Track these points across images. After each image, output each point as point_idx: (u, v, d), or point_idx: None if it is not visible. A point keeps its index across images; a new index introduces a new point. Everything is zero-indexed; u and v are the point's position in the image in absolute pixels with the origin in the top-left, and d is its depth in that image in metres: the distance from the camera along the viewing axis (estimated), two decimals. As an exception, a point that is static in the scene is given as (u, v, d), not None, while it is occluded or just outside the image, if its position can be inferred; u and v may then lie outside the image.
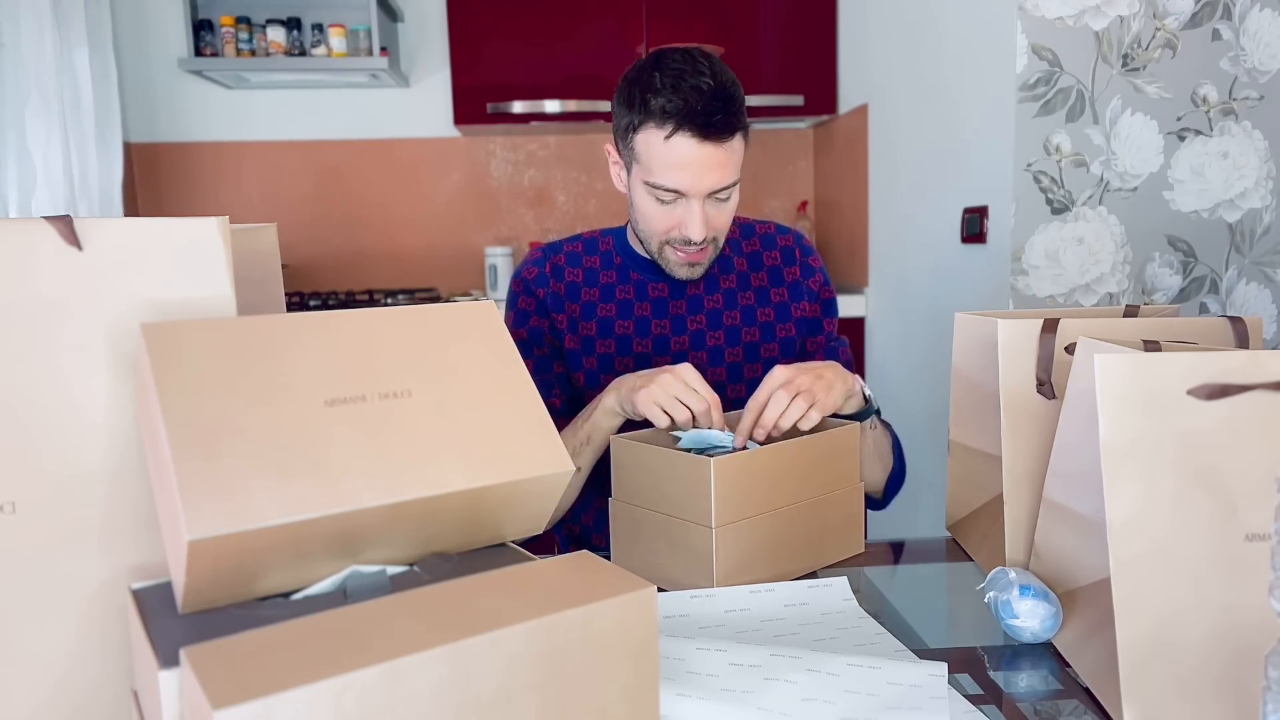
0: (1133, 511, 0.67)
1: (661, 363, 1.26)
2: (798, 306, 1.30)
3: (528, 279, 1.28)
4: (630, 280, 1.27)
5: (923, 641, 0.82)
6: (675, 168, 1.10)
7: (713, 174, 1.11)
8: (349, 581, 0.55)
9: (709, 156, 1.09)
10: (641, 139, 1.12)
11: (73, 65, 2.50)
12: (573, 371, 1.26)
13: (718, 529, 0.89)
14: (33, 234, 0.57)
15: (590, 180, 3.18)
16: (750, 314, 1.29)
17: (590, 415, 1.11)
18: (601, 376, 1.24)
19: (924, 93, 2.20)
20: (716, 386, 1.24)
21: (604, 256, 1.29)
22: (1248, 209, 1.80)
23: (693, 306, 1.28)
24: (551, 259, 1.28)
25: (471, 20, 2.75)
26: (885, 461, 1.20)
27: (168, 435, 0.50)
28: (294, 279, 3.04)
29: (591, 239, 1.31)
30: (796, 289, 1.31)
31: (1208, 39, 1.74)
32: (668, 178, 1.11)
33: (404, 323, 0.62)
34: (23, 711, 0.57)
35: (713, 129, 1.08)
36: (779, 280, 1.31)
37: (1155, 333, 0.89)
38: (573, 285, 1.27)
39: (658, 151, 1.10)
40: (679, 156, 1.09)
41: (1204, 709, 0.65)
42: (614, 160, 1.21)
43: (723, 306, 1.28)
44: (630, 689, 0.52)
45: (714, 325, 1.27)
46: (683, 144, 1.09)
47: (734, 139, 1.11)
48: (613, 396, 1.08)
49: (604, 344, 1.26)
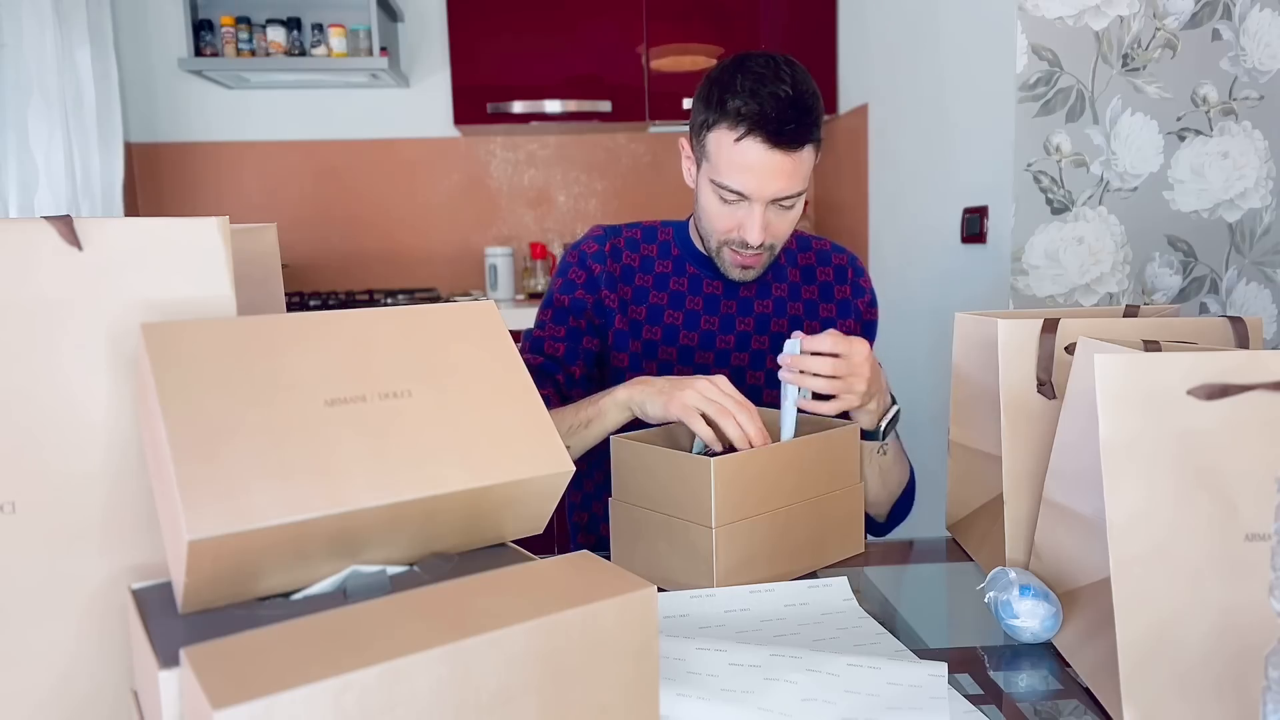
0: (1133, 511, 0.67)
1: (705, 358, 1.27)
2: (844, 324, 1.32)
3: (587, 252, 1.28)
4: (686, 273, 1.29)
5: (923, 641, 0.82)
6: (742, 170, 1.11)
7: (778, 181, 1.12)
8: (349, 581, 0.55)
9: (777, 164, 1.10)
10: (714, 137, 1.13)
11: (74, 65, 2.50)
12: (617, 352, 1.26)
13: (718, 529, 0.89)
14: (33, 234, 0.57)
15: (590, 180, 3.18)
16: (797, 324, 1.30)
17: (598, 402, 1.10)
18: (644, 362, 1.26)
19: (924, 93, 2.20)
20: (753, 390, 1.25)
21: (662, 246, 1.30)
22: (1248, 209, 1.80)
23: (743, 308, 1.29)
24: (612, 239, 1.30)
25: (471, 20, 2.75)
26: (890, 488, 1.20)
27: (168, 435, 0.50)
28: (294, 279, 3.04)
29: (651, 227, 1.33)
30: (845, 306, 1.33)
31: (1208, 39, 1.74)
32: (734, 179, 1.12)
33: (404, 323, 0.62)
34: (23, 711, 0.57)
35: (784, 137, 1.09)
36: (829, 296, 1.33)
37: (1155, 333, 0.89)
38: (628, 268, 1.28)
39: (727, 152, 1.11)
40: (747, 160, 1.10)
41: (1204, 709, 0.65)
42: (686, 155, 1.23)
43: (772, 313, 1.29)
44: (630, 689, 0.52)
45: (761, 330, 1.28)
46: (752, 148, 1.10)
47: (804, 150, 1.12)
48: (626, 392, 1.06)
49: (651, 330, 1.27)
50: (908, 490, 1.25)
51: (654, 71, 2.81)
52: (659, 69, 2.82)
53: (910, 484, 1.25)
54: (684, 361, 1.27)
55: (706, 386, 0.98)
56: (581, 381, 1.25)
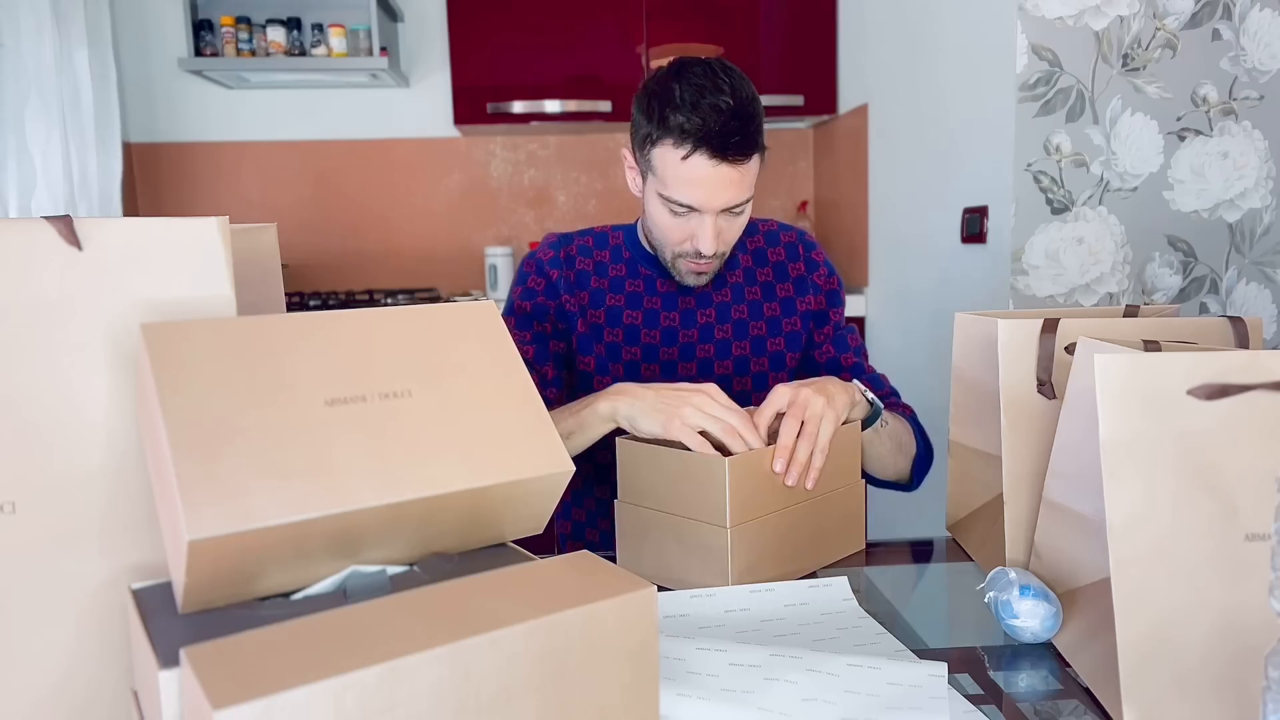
0: (1133, 511, 0.67)
1: (669, 354, 1.27)
2: (803, 300, 1.31)
3: (542, 260, 1.29)
4: (639, 275, 1.29)
5: (923, 641, 0.82)
6: (690, 185, 1.11)
7: (727, 192, 1.12)
8: (349, 581, 0.55)
9: (725, 176, 1.10)
10: (659, 154, 1.12)
11: (72, 65, 2.50)
12: (583, 355, 1.27)
13: (733, 529, 0.89)
14: (33, 234, 0.57)
15: (590, 180, 3.18)
16: (757, 309, 1.30)
17: (578, 413, 1.06)
18: (610, 364, 1.25)
19: (924, 93, 2.20)
20: (723, 380, 1.26)
21: (614, 250, 1.31)
22: (1248, 209, 1.80)
23: (701, 301, 1.29)
24: (564, 247, 1.30)
25: (471, 20, 2.75)
26: (907, 450, 1.21)
27: (168, 435, 0.50)
28: (294, 279, 3.04)
29: (602, 233, 1.33)
30: (802, 283, 1.32)
31: (1208, 39, 1.74)
32: (683, 194, 1.12)
33: (404, 323, 0.62)
34: (22, 711, 0.57)
35: (730, 150, 1.08)
36: (784, 275, 1.32)
37: (1155, 333, 0.89)
38: (583, 273, 1.29)
39: (673, 169, 1.11)
40: (696, 176, 1.10)
41: (1204, 709, 0.65)
42: (630, 165, 1.22)
43: (730, 301, 1.29)
44: (630, 689, 0.52)
45: (722, 320, 1.29)
46: (700, 164, 1.09)
47: (751, 160, 1.12)
48: (609, 404, 1.02)
49: (612, 333, 1.27)
50: (920, 440, 1.24)
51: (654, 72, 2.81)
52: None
53: (917, 427, 1.25)
54: (649, 360, 1.27)
55: (705, 402, 0.95)
56: (555, 382, 1.25)
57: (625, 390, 1.02)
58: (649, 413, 0.97)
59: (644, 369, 1.27)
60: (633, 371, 1.26)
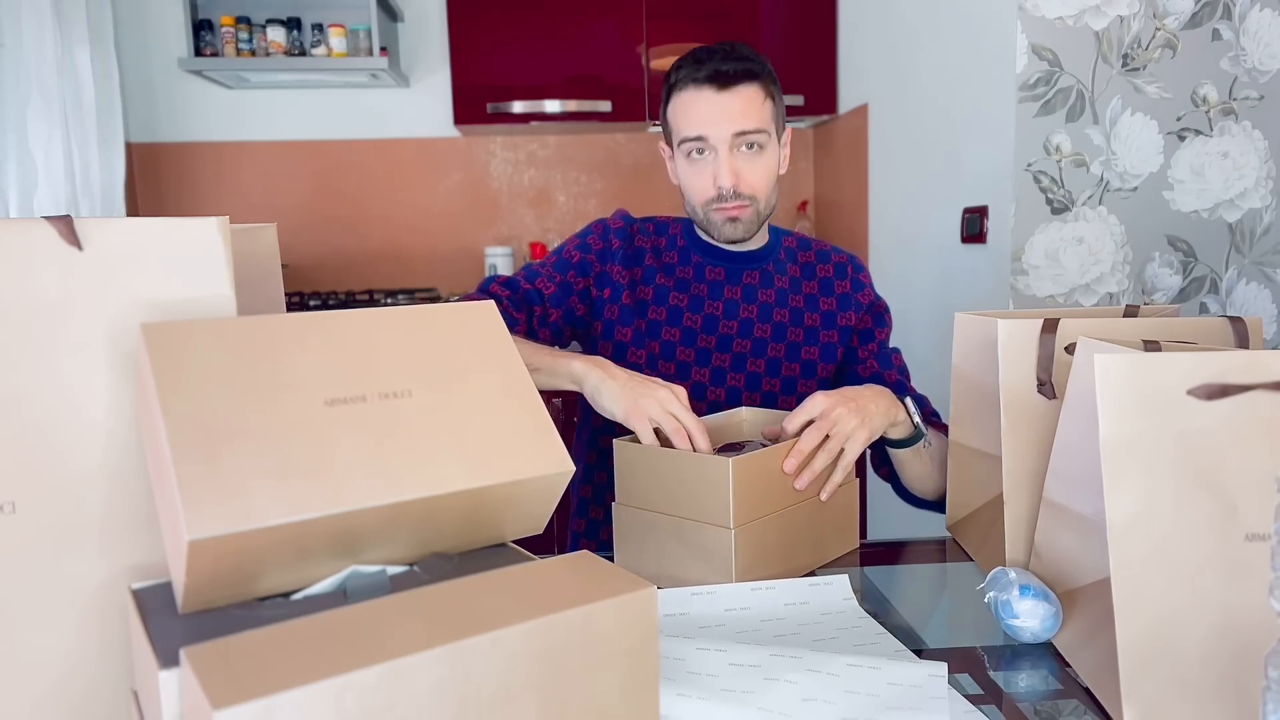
0: (1133, 511, 0.67)
1: (707, 341, 1.30)
2: (844, 316, 1.34)
3: (612, 227, 1.36)
4: (691, 262, 1.34)
5: (923, 641, 0.82)
6: (696, 118, 1.20)
7: (729, 119, 1.19)
8: (349, 581, 0.55)
9: (724, 102, 1.19)
10: (671, 108, 1.24)
11: (74, 65, 2.50)
12: (622, 327, 1.30)
13: (736, 529, 0.89)
14: (33, 234, 0.57)
15: (590, 180, 3.18)
16: (798, 315, 1.33)
17: (555, 358, 1.09)
18: (648, 340, 1.29)
19: (924, 93, 2.20)
20: (752, 378, 1.30)
21: (670, 238, 1.37)
22: (1248, 209, 1.80)
23: (747, 295, 1.32)
24: (631, 224, 1.37)
25: (471, 20, 2.75)
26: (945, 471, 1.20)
27: (168, 435, 0.50)
28: (294, 279, 3.04)
29: (663, 222, 1.39)
30: (845, 300, 1.35)
31: (1208, 39, 1.74)
32: (689, 127, 1.21)
33: (404, 323, 0.62)
34: (22, 711, 0.57)
35: (721, 75, 1.18)
36: (829, 291, 1.36)
37: (1155, 333, 0.89)
38: (640, 249, 1.35)
39: (682, 109, 1.22)
40: (694, 106, 1.20)
41: (1204, 709, 0.65)
42: (666, 156, 1.30)
43: (774, 302, 1.32)
44: (630, 689, 0.52)
45: (763, 318, 1.32)
46: (697, 94, 1.20)
47: (747, 87, 1.19)
48: (583, 368, 1.05)
49: (656, 310, 1.31)
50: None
51: (654, 71, 2.81)
52: (659, 69, 2.82)
53: None
54: (686, 343, 1.30)
55: (669, 399, 0.99)
56: (552, 326, 1.29)
57: (602, 365, 1.06)
58: (615, 394, 1.01)
59: (680, 350, 1.30)
60: (668, 351, 1.30)
